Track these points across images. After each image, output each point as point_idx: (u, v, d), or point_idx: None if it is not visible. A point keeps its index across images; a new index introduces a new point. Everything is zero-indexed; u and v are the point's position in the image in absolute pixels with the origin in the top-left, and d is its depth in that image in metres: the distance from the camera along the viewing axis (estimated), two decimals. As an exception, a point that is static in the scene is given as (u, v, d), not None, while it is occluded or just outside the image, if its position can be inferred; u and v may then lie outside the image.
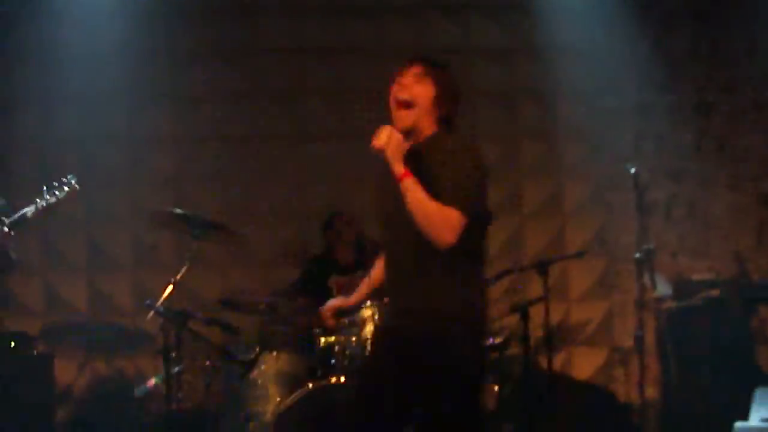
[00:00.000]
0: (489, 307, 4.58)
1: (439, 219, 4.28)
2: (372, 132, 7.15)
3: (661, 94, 8.07)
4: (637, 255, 6.24)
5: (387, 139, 4.36)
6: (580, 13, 7.99)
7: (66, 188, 6.34)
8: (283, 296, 6.76)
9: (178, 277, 6.15)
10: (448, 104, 4.54)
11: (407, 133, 4.47)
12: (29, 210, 6.22)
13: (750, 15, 8.10)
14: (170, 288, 6.08)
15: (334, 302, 5.20)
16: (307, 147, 7.93)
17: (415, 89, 4.48)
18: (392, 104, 4.51)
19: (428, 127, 4.51)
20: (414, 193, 4.29)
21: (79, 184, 6.41)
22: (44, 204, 6.25)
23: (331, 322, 5.22)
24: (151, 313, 6.07)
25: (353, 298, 5.17)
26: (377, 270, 4.93)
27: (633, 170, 6.09)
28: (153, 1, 7.72)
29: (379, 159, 4.43)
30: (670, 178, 8.08)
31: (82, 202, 7.48)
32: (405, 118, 4.48)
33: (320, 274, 7.23)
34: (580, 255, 7.24)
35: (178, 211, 6.37)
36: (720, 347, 7.15)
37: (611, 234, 7.94)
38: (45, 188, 6.33)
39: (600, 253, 7.91)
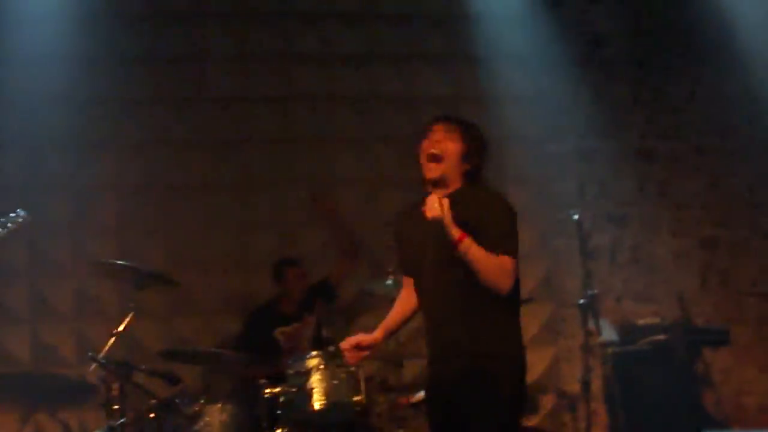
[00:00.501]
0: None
1: (499, 269, 4.61)
2: (313, 178, 7.24)
3: (604, 140, 8.18)
4: (581, 300, 6.26)
5: (440, 207, 4.57)
6: (525, 61, 8.11)
7: (18, 220, 6.19)
8: (228, 347, 6.70)
9: (121, 327, 6.11)
10: (476, 158, 4.81)
11: (435, 184, 4.76)
12: None
13: (691, 62, 8.26)
14: (113, 339, 6.03)
15: (355, 338, 5.01)
16: (252, 196, 7.89)
17: (444, 144, 4.77)
18: (423, 158, 4.80)
19: (456, 180, 4.79)
20: (474, 251, 4.56)
21: (29, 218, 6.28)
22: None
23: (352, 358, 5.06)
24: (94, 365, 6.01)
25: (377, 334, 5.03)
26: (399, 309, 5.04)
27: (576, 216, 6.14)
28: (96, 48, 7.68)
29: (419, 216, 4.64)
30: (614, 223, 8.17)
31: (24, 251, 7.44)
32: (435, 170, 4.76)
33: (265, 325, 7.16)
34: (527, 301, 7.24)
35: (121, 261, 6.32)
36: (666, 391, 7.18)
37: (557, 279, 7.98)
38: None
39: (546, 298, 7.94)
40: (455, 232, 4.56)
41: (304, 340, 6.96)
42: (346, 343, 5.00)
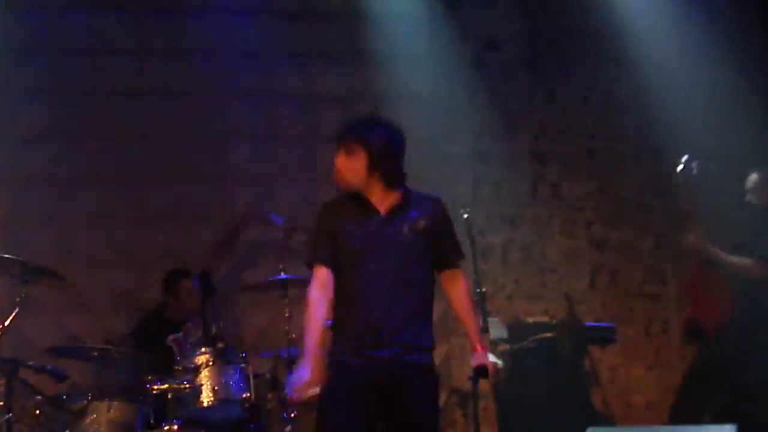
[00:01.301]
0: None
1: None
2: (209, 174, 7.18)
3: (498, 142, 8.27)
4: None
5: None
6: (422, 62, 8.15)
7: None
8: (117, 344, 6.63)
9: (7, 323, 6.01)
10: (385, 163, 4.93)
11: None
12: None
13: (584, 66, 8.40)
14: (-1, 334, 5.93)
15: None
16: (146, 190, 7.82)
17: (345, 173, 4.91)
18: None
19: (377, 185, 4.91)
20: None
21: None
22: None
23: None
24: (-21, 360, 5.91)
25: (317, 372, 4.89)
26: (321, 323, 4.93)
27: (466, 216, 6.18)
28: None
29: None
30: (507, 222, 8.27)
31: None
32: (349, 188, 4.93)
33: (155, 334, 7.05)
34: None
35: (8, 255, 6.22)
36: (554, 388, 7.29)
37: (449, 278, 8.05)
38: None
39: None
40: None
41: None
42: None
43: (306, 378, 4.76)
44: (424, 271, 4.97)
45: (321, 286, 4.88)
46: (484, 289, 6.33)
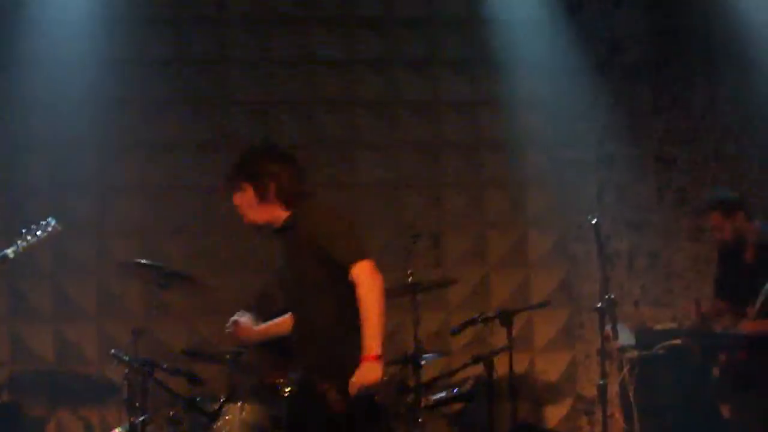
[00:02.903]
0: None
1: None
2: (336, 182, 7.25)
3: (623, 146, 8.20)
4: (599, 305, 6.30)
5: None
6: (544, 67, 8.14)
7: (48, 229, 6.36)
8: (249, 347, 6.75)
9: (144, 326, 6.20)
10: (274, 188, 5.04)
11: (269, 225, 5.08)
12: (9, 251, 6.22)
13: (709, 68, 8.28)
14: (135, 337, 6.12)
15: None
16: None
17: (243, 209, 5.12)
18: None
19: (282, 212, 5.05)
20: None
21: (59, 227, 6.41)
22: (25, 244, 6.26)
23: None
24: (117, 362, 6.10)
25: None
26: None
27: (594, 221, 6.16)
28: (123, 50, 7.78)
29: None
30: (632, 228, 8.21)
31: (48, 251, 7.53)
32: (255, 222, 5.13)
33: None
34: (543, 305, 7.32)
35: (144, 261, 6.41)
36: (682, 396, 7.20)
37: (575, 284, 8.04)
38: (24, 230, 6.33)
39: (564, 303, 7.99)
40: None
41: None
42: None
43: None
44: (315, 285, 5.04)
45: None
46: (612, 296, 6.32)
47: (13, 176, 7.73)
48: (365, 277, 4.78)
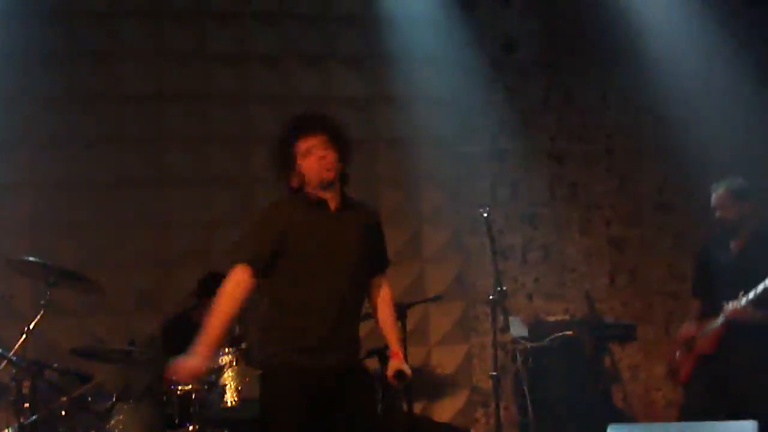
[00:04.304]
0: None
1: None
2: (230, 178, 7.21)
3: (516, 141, 8.30)
4: (491, 297, 6.37)
5: None
6: (438, 62, 8.20)
7: None
8: (142, 345, 6.69)
9: (32, 325, 6.09)
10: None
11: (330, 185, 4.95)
12: None
13: (601, 65, 8.43)
14: (24, 337, 6.01)
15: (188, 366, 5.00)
16: (167, 193, 7.87)
17: (331, 158, 4.92)
18: (317, 168, 4.91)
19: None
20: None
21: None
22: None
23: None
24: (4, 362, 5.98)
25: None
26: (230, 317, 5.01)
27: (485, 214, 6.22)
28: (11, 44, 7.61)
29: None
30: (526, 222, 8.31)
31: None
32: (329, 179, 4.96)
33: (183, 334, 7.04)
34: (437, 298, 7.39)
35: (33, 258, 6.30)
36: (575, 386, 7.32)
37: (470, 277, 8.11)
38: None
39: (459, 296, 8.06)
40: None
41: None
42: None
43: (193, 363, 4.85)
44: (365, 271, 5.06)
45: (237, 285, 4.87)
46: (504, 288, 6.40)
47: None
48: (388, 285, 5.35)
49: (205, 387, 6.09)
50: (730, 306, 6.45)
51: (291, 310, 4.90)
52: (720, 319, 6.51)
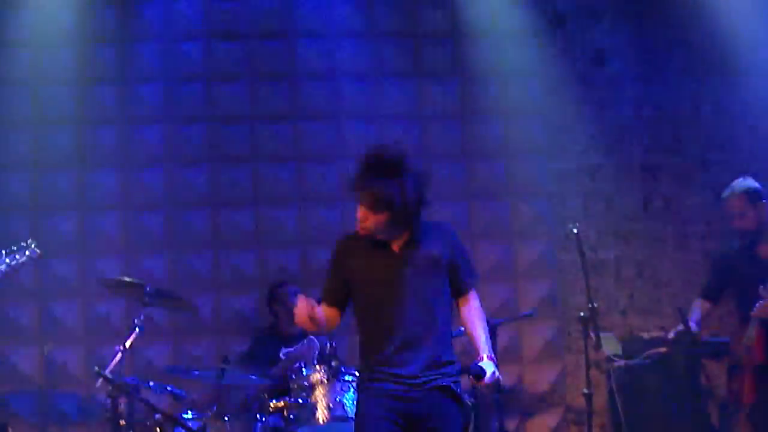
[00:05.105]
0: None
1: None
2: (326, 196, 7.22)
3: (609, 156, 8.21)
4: (582, 314, 6.30)
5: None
6: (528, 77, 8.16)
7: (26, 252, 6.23)
8: (233, 364, 6.75)
9: (128, 344, 6.19)
10: (406, 209, 4.88)
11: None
12: None
13: (694, 76, 8.30)
14: (119, 355, 6.11)
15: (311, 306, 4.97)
16: (261, 213, 7.95)
17: (367, 223, 4.93)
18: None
19: (405, 227, 4.93)
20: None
21: (38, 251, 6.32)
22: (3, 268, 6.15)
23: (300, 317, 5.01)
24: (100, 380, 6.08)
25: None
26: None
27: (575, 230, 6.16)
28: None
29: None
30: (620, 238, 8.19)
31: (33, 271, 7.53)
32: (373, 236, 4.96)
33: (269, 346, 7.18)
34: (529, 315, 7.32)
35: (127, 278, 6.41)
36: (670, 403, 7.18)
37: (563, 294, 8.02)
38: (3, 252, 6.24)
39: (552, 314, 7.98)
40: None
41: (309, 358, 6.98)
42: (302, 302, 4.92)
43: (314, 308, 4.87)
44: (441, 298, 5.00)
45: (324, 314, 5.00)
46: (596, 305, 6.32)
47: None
48: (476, 296, 5.13)
49: (298, 404, 6.12)
50: (757, 306, 6.33)
51: (365, 337, 5.03)
52: (753, 323, 6.40)
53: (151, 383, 6.38)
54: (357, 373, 5.39)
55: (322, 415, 6.07)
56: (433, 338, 4.92)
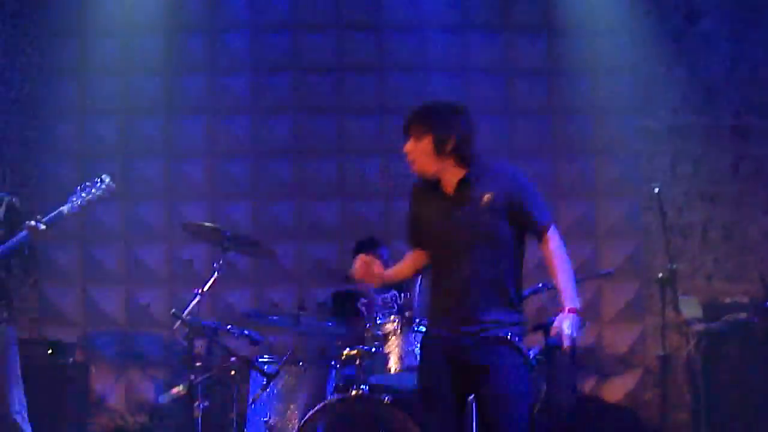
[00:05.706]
0: None
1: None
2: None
3: (698, 116, 8.04)
4: (660, 275, 6.20)
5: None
6: (619, 34, 8.02)
7: (102, 186, 6.28)
8: (311, 312, 6.81)
9: (206, 287, 6.26)
10: (453, 144, 4.82)
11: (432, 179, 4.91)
12: (65, 208, 6.17)
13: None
14: (197, 299, 6.19)
15: (371, 262, 5.03)
16: (345, 163, 8.00)
17: (416, 158, 4.87)
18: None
19: (452, 168, 4.84)
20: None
21: (113, 185, 6.37)
22: (80, 202, 6.21)
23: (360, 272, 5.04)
24: (178, 322, 6.18)
25: (390, 272, 5.14)
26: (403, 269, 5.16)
27: (657, 190, 6.06)
28: (188, 18, 7.91)
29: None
30: (707, 200, 8.04)
31: (118, 214, 7.68)
32: (424, 174, 4.91)
33: (349, 297, 7.23)
34: (608, 274, 7.22)
35: (208, 223, 6.49)
36: (748, 369, 7.07)
37: (646, 255, 7.90)
38: (79, 188, 6.31)
39: (633, 274, 7.87)
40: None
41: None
42: (361, 261, 4.98)
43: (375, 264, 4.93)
44: (500, 241, 4.86)
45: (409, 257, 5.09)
46: (675, 266, 6.22)
47: (81, 140, 7.93)
48: (557, 238, 4.91)
49: (371, 353, 6.15)
50: None
51: (431, 285, 5.00)
52: None
53: (230, 327, 6.46)
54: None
55: (394, 364, 6.09)
56: (490, 284, 4.83)
